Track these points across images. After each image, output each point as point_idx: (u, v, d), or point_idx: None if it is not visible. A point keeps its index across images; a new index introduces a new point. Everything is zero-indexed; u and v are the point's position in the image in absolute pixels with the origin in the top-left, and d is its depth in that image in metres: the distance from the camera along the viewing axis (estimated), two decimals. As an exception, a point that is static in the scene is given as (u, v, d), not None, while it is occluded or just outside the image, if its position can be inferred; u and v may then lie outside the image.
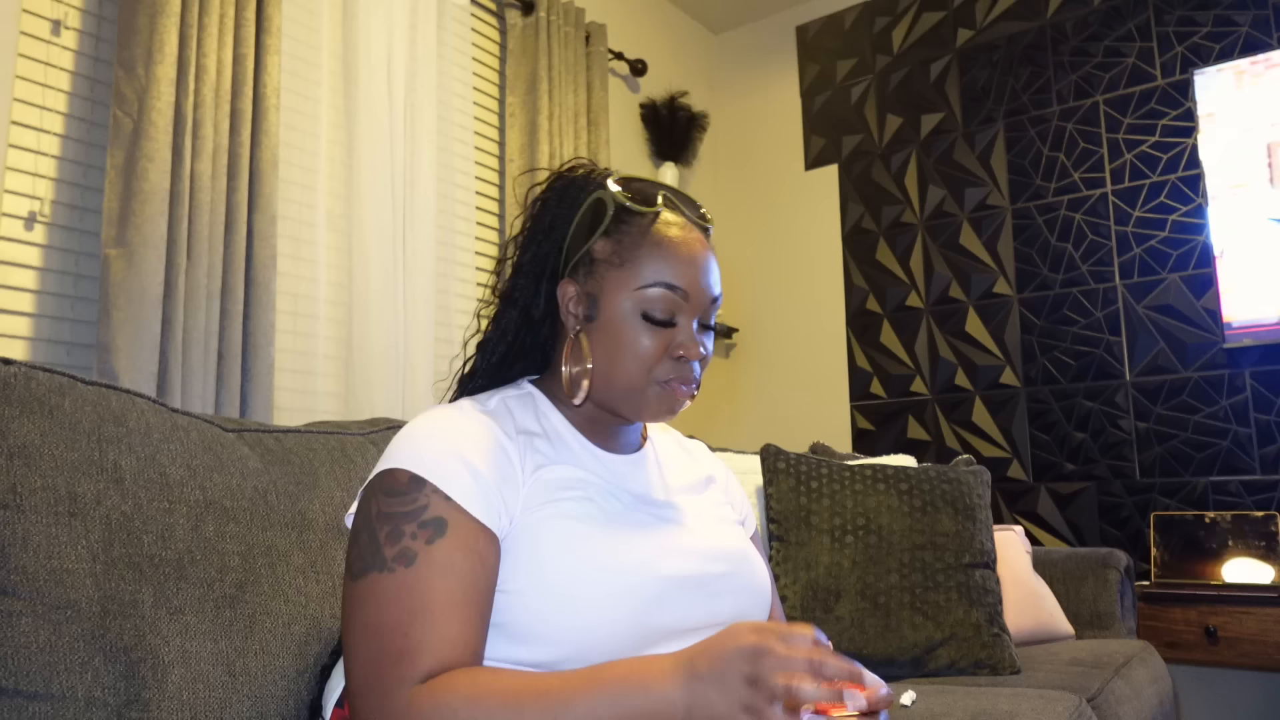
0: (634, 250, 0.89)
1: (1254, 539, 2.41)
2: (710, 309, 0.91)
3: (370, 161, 2.11)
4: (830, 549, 1.71)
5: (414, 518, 0.77)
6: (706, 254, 0.91)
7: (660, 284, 0.87)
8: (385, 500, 0.79)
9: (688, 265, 0.88)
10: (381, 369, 2.05)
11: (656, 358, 0.88)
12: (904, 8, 3.30)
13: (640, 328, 0.88)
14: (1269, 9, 2.64)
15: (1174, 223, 2.72)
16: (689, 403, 0.91)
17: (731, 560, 0.91)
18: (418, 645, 0.72)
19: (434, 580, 0.75)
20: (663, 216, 0.91)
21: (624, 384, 0.88)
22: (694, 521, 0.93)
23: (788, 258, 3.46)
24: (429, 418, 0.85)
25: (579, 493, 0.86)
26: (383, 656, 0.73)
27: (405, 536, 0.76)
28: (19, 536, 0.80)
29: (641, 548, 0.84)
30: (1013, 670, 1.64)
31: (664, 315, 0.87)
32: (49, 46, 1.69)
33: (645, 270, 0.88)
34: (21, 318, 1.63)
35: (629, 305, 0.88)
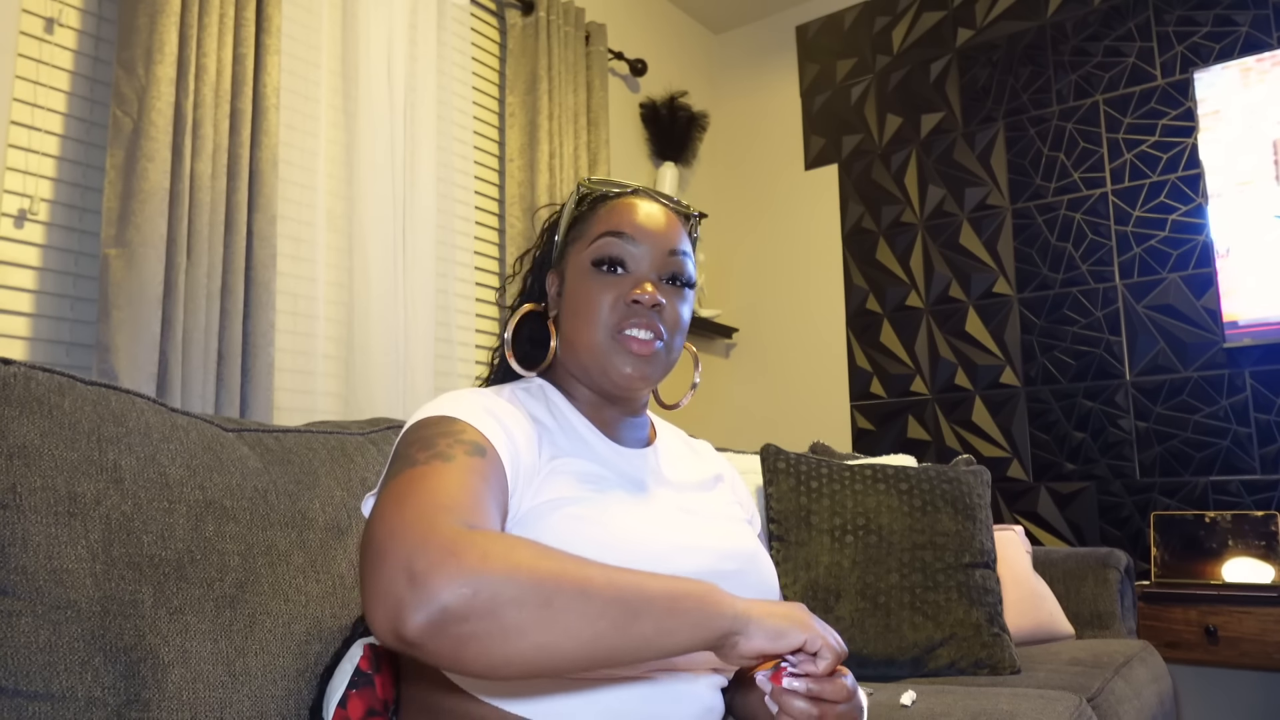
0: (591, 221, 0.93)
1: (1254, 539, 2.41)
2: (669, 261, 0.91)
3: (370, 161, 2.11)
4: (830, 549, 1.71)
5: (454, 435, 0.74)
6: (662, 215, 0.93)
7: (606, 233, 0.90)
8: (421, 428, 0.76)
9: (635, 217, 0.91)
10: (381, 369, 2.05)
11: (610, 306, 0.88)
12: (904, 7, 3.30)
13: (591, 278, 0.90)
14: (1269, 8, 2.64)
15: (1174, 222, 2.72)
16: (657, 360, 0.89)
17: (743, 559, 0.91)
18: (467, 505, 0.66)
19: (472, 476, 0.70)
20: (630, 196, 0.95)
21: (585, 344, 0.89)
22: (706, 519, 0.93)
23: (788, 257, 3.46)
24: (460, 390, 0.85)
25: (592, 486, 0.86)
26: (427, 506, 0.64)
27: (441, 445, 0.73)
28: (19, 536, 0.80)
29: (655, 544, 0.84)
30: (1013, 670, 1.63)
31: (611, 258, 0.89)
32: (46, 45, 1.69)
33: (596, 228, 0.92)
34: (21, 318, 1.63)
35: (583, 264, 0.91)
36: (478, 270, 2.51)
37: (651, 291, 0.88)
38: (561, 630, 0.59)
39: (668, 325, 0.90)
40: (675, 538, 0.86)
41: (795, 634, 0.70)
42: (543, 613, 0.58)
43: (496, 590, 0.57)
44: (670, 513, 0.90)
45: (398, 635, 0.57)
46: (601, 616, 0.60)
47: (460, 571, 0.57)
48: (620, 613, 0.61)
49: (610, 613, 0.60)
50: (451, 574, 0.57)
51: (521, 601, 0.58)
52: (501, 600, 0.57)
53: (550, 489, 0.83)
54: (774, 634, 0.69)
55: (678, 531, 0.88)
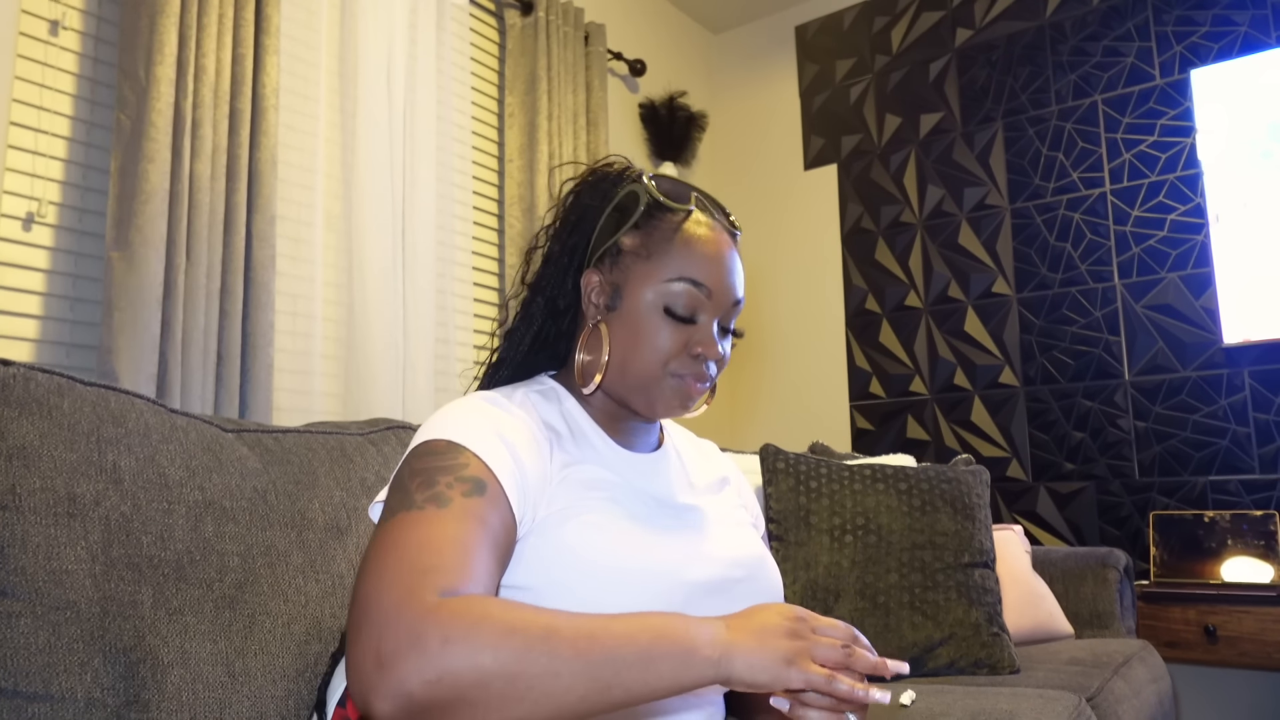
0: (663, 244, 0.89)
1: (1253, 538, 2.41)
2: (732, 312, 0.91)
3: (369, 162, 2.11)
4: (830, 549, 1.71)
5: (452, 472, 0.74)
6: (733, 256, 0.92)
7: (686, 279, 0.88)
8: (421, 460, 0.76)
9: (714, 264, 0.89)
10: (381, 369, 2.05)
11: (674, 353, 0.88)
12: (903, 7, 3.30)
13: (661, 321, 0.88)
14: (1267, 8, 2.64)
15: (1173, 222, 2.72)
16: (703, 404, 0.91)
17: (750, 566, 0.91)
18: (446, 565, 0.66)
19: (466, 523, 0.70)
20: (694, 216, 0.91)
21: (639, 375, 0.88)
22: (715, 525, 0.93)
23: (787, 258, 3.46)
24: (467, 400, 0.84)
25: (605, 494, 0.85)
26: (409, 567, 0.65)
27: (440, 485, 0.73)
28: (18, 537, 0.80)
29: (668, 553, 0.84)
30: (1012, 670, 1.64)
31: (686, 311, 0.88)
32: (49, 47, 1.69)
33: (672, 264, 0.88)
34: (20, 319, 1.63)
35: (652, 298, 0.88)
36: (477, 271, 2.51)
37: (716, 352, 0.88)
38: (531, 705, 0.60)
39: (719, 371, 0.91)
40: (685, 547, 0.86)
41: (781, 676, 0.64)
42: (509, 690, 0.59)
43: (459, 676, 0.58)
44: (679, 520, 0.90)
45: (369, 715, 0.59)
46: (571, 690, 0.60)
47: (422, 659, 0.58)
48: (592, 680, 0.61)
49: (581, 683, 0.61)
50: (414, 662, 0.58)
51: (486, 683, 0.59)
52: (464, 684, 0.58)
53: (562, 498, 0.83)
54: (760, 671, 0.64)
55: (686, 539, 0.87)
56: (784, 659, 0.64)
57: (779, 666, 0.63)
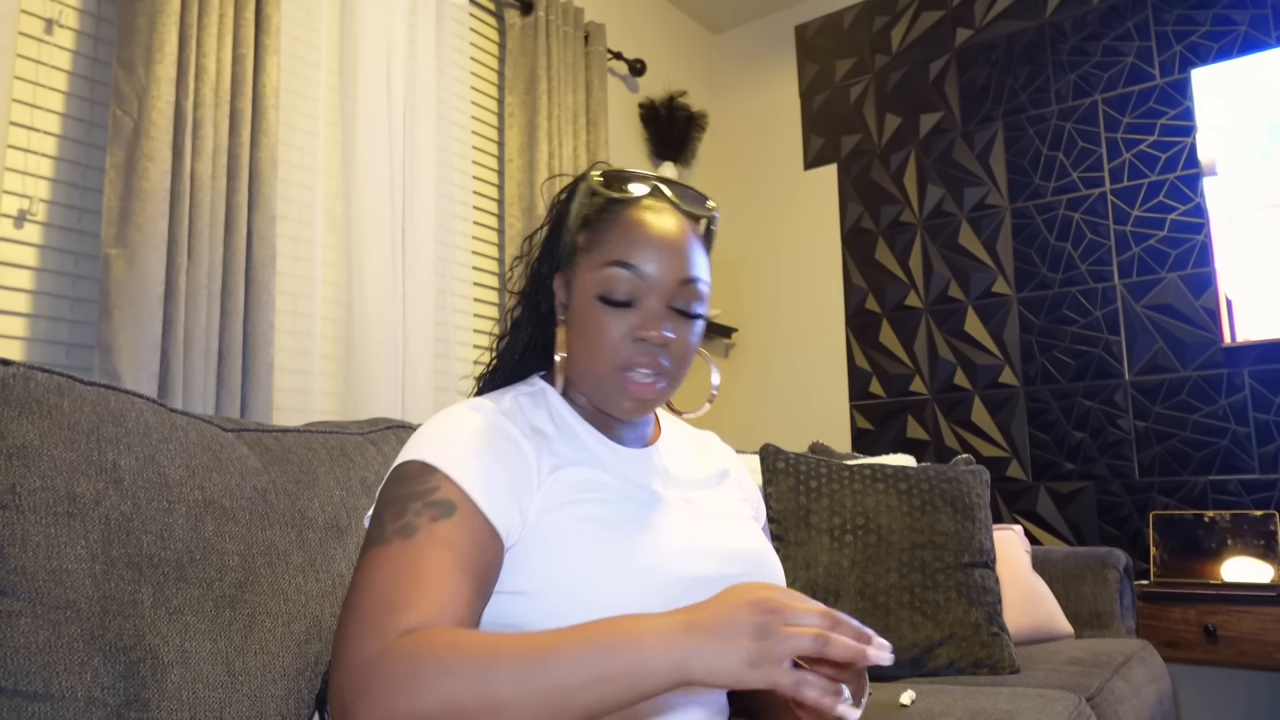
0: (604, 235, 0.88)
1: (1253, 538, 2.41)
2: (680, 292, 0.87)
3: (369, 161, 2.11)
4: (829, 548, 1.71)
5: (422, 497, 0.76)
6: (678, 235, 0.88)
7: (615, 262, 0.86)
8: (396, 486, 0.79)
9: (649, 244, 0.86)
10: (380, 369, 2.05)
11: (617, 342, 0.85)
12: (903, 7, 3.30)
13: (599, 310, 0.86)
14: (1267, 8, 2.64)
15: (1173, 222, 2.72)
16: (660, 396, 0.87)
17: (749, 560, 0.90)
18: (405, 601, 0.70)
19: (431, 551, 0.73)
20: (644, 203, 0.90)
21: (591, 372, 0.87)
22: (711, 520, 0.92)
23: (787, 257, 3.46)
24: (446, 415, 0.84)
25: (596, 494, 0.85)
26: (370, 610, 0.70)
27: (409, 513, 0.75)
28: (18, 537, 0.80)
29: (661, 549, 0.83)
30: (1012, 670, 1.64)
31: (622, 295, 0.85)
32: (46, 46, 1.69)
33: (607, 251, 0.87)
34: (20, 318, 1.63)
35: (590, 288, 0.87)
36: (476, 271, 2.51)
37: (659, 332, 0.84)
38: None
39: (675, 358, 0.87)
40: (679, 541, 0.85)
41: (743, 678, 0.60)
42: None
43: None
44: (674, 515, 0.89)
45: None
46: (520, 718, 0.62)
47: (372, 706, 0.63)
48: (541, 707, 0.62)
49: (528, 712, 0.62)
50: (366, 710, 0.63)
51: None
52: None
53: (552, 501, 0.83)
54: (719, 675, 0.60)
55: (682, 535, 0.87)
56: (746, 661, 0.59)
57: (740, 669, 0.59)
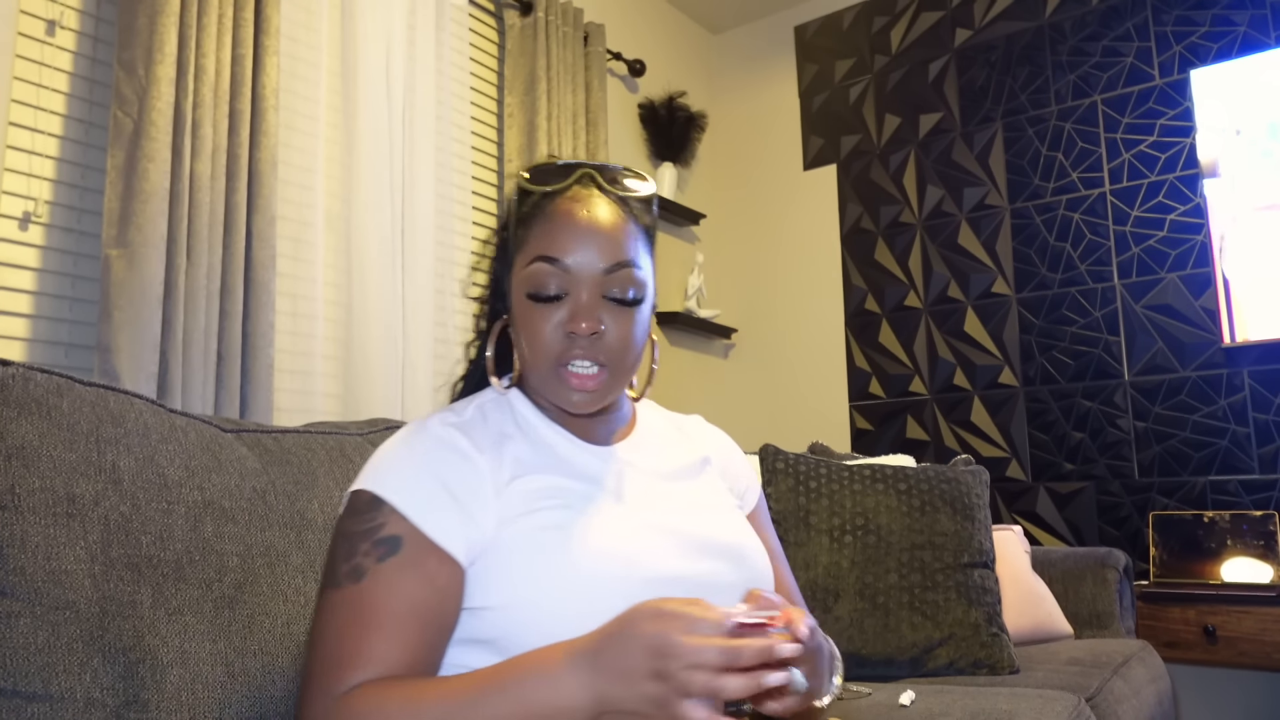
0: (531, 230, 0.87)
1: (1253, 538, 2.41)
2: (610, 279, 0.85)
3: (369, 162, 2.11)
4: (829, 549, 1.71)
5: (370, 536, 0.78)
6: (603, 221, 0.85)
7: (538, 258, 0.84)
8: (347, 520, 0.80)
9: (566, 233, 0.84)
10: (380, 369, 2.05)
11: (549, 337, 0.84)
12: (902, 8, 3.30)
13: (530, 307, 0.85)
14: (1267, 8, 2.65)
15: (1172, 222, 2.72)
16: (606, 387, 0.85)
17: (727, 554, 0.88)
18: (350, 657, 0.73)
19: (377, 595, 0.75)
20: (569, 193, 0.88)
21: (534, 371, 0.87)
22: (685, 515, 0.89)
23: (786, 258, 3.46)
24: (396, 439, 0.85)
25: (557, 500, 0.84)
26: (318, 666, 0.74)
27: (358, 554, 0.77)
28: (17, 537, 0.80)
29: (627, 551, 0.81)
30: (1011, 670, 1.64)
31: (548, 290, 0.84)
32: (47, 47, 1.69)
33: (531, 247, 0.86)
34: (18, 318, 1.63)
35: (521, 287, 0.86)
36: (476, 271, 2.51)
37: (590, 324, 0.82)
38: None
39: (613, 349, 0.85)
40: (647, 541, 0.83)
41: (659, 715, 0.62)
42: None
43: None
44: (643, 513, 0.86)
45: None
46: None
47: None
48: None
49: None
50: None
51: None
52: None
53: (511, 511, 0.82)
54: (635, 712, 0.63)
55: (650, 534, 0.84)
56: (652, 701, 0.62)
57: (649, 708, 0.62)
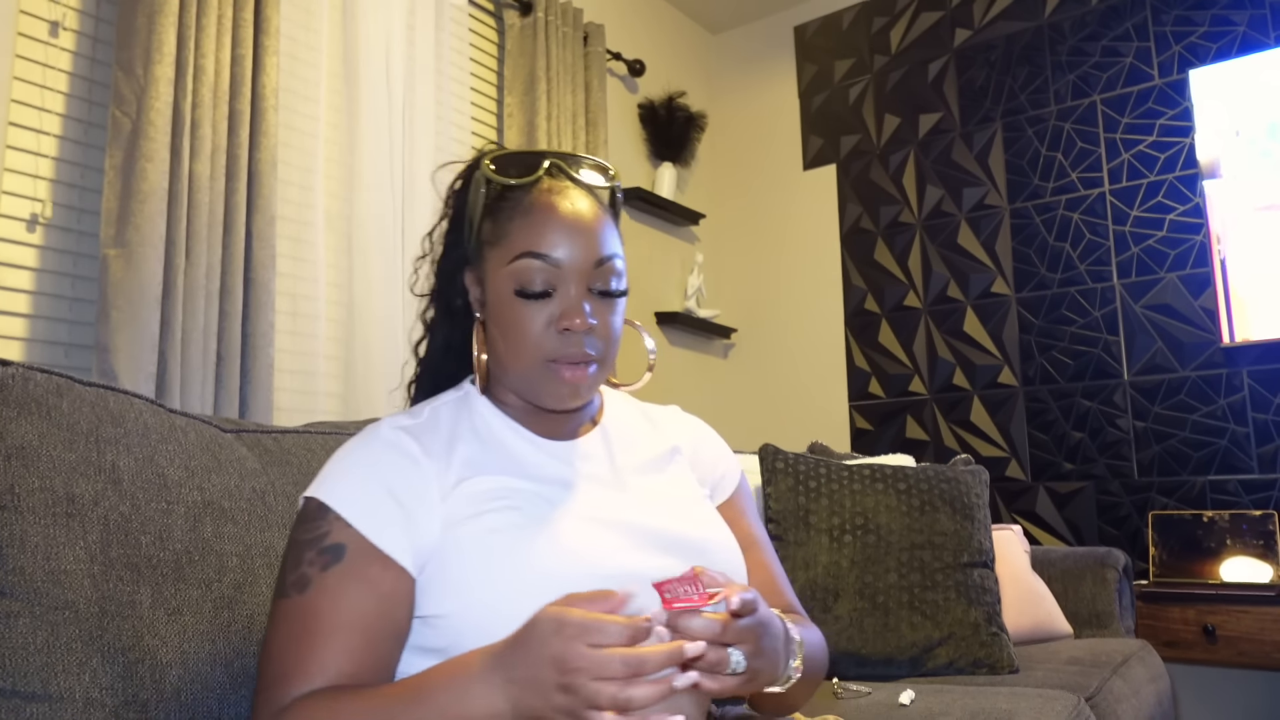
0: (507, 225, 0.85)
1: (1252, 538, 2.41)
2: (597, 273, 0.84)
3: (369, 161, 2.11)
4: (829, 548, 1.71)
5: (315, 545, 0.78)
6: (585, 214, 0.85)
7: (525, 254, 0.83)
8: (297, 528, 0.81)
9: (555, 228, 0.83)
10: (381, 369, 2.05)
11: (540, 334, 0.82)
12: (902, 8, 3.30)
13: (518, 305, 0.83)
14: (1266, 8, 2.65)
15: (1172, 222, 2.72)
16: (595, 380, 0.85)
17: (692, 548, 0.85)
18: (294, 669, 0.73)
19: (321, 606, 0.75)
20: (542, 185, 0.86)
21: (517, 369, 0.85)
22: (645, 509, 0.87)
23: (786, 258, 3.46)
24: (345, 447, 0.85)
25: (504, 501, 0.82)
26: (265, 680, 0.75)
27: (304, 564, 0.77)
28: (16, 537, 0.80)
29: (580, 551, 0.80)
30: (1011, 669, 1.64)
31: (538, 286, 0.82)
32: (47, 48, 1.69)
33: (514, 242, 0.84)
34: (18, 318, 1.63)
35: (505, 284, 0.84)
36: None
37: (583, 320, 0.81)
38: None
39: (603, 341, 0.84)
40: (603, 541, 0.81)
41: None
42: None
43: None
44: (601, 509, 0.84)
45: None
46: None
47: None
48: None
49: None
50: None
51: None
52: None
53: (457, 514, 0.81)
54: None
55: (607, 534, 0.82)
56: (566, 713, 0.62)
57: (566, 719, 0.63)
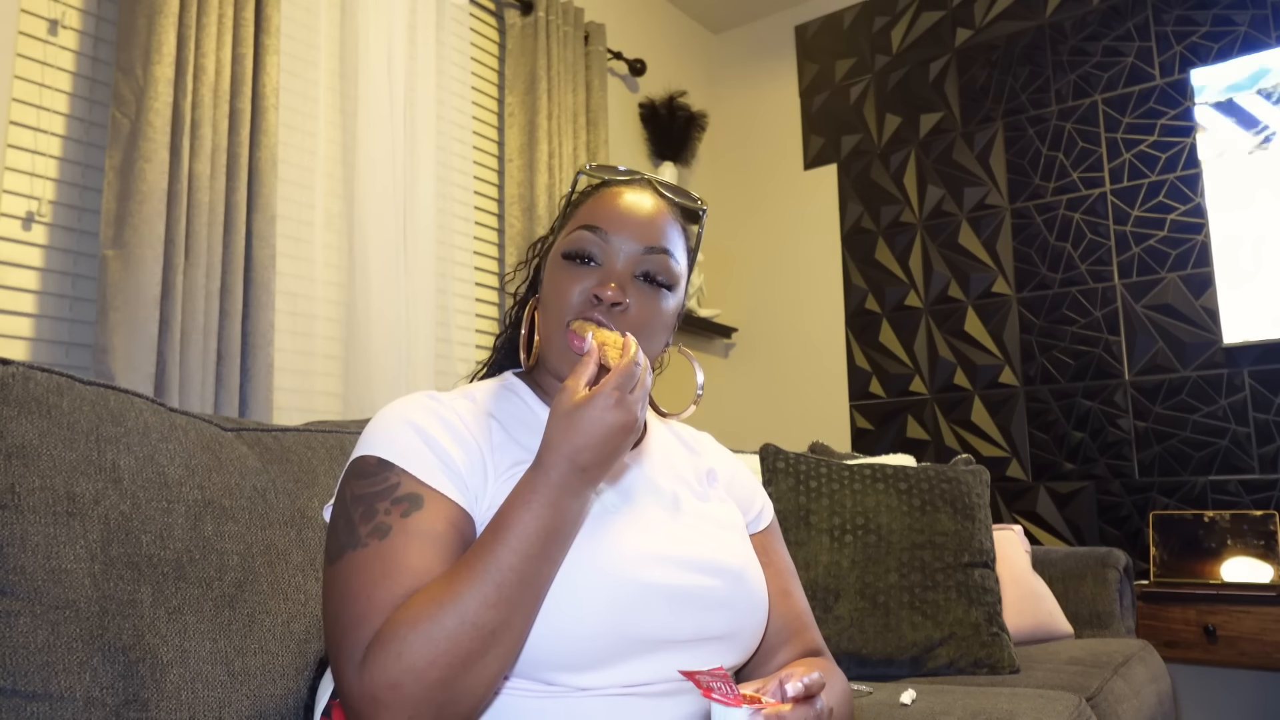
0: (581, 207, 0.91)
1: (1253, 538, 2.41)
2: (646, 259, 0.86)
3: (369, 161, 2.11)
4: (829, 548, 1.71)
5: (387, 495, 0.76)
6: (651, 209, 0.89)
7: (583, 226, 0.87)
8: (357, 484, 0.78)
9: (615, 209, 0.88)
10: (381, 369, 2.05)
11: (572, 296, 0.84)
12: (903, 7, 3.30)
13: (562, 268, 0.86)
14: (1267, 8, 2.64)
15: (1172, 222, 2.72)
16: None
17: (727, 575, 0.86)
18: (380, 605, 0.71)
19: (409, 547, 0.73)
20: (624, 185, 0.91)
21: (547, 335, 0.87)
22: (687, 528, 0.87)
23: (786, 257, 3.46)
24: (393, 406, 0.84)
25: None
26: (350, 620, 0.71)
27: (379, 513, 0.75)
28: (17, 536, 0.80)
29: (620, 552, 0.79)
30: (1012, 669, 1.64)
31: (583, 251, 0.86)
32: (47, 46, 1.69)
33: (578, 219, 0.89)
34: (19, 318, 1.63)
35: (558, 251, 0.88)
36: (477, 270, 2.51)
37: (615, 289, 0.83)
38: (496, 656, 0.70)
39: (631, 327, 0.84)
40: (643, 547, 0.81)
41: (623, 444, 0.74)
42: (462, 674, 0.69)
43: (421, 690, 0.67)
44: (641, 520, 0.85)
45: None
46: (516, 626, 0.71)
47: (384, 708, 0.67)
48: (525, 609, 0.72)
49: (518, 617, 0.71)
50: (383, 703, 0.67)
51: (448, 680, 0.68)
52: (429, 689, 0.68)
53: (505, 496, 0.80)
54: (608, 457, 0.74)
55: (647, 540, 0.82)
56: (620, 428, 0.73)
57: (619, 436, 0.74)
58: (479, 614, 0.68)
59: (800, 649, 0.94)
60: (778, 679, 0.71)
